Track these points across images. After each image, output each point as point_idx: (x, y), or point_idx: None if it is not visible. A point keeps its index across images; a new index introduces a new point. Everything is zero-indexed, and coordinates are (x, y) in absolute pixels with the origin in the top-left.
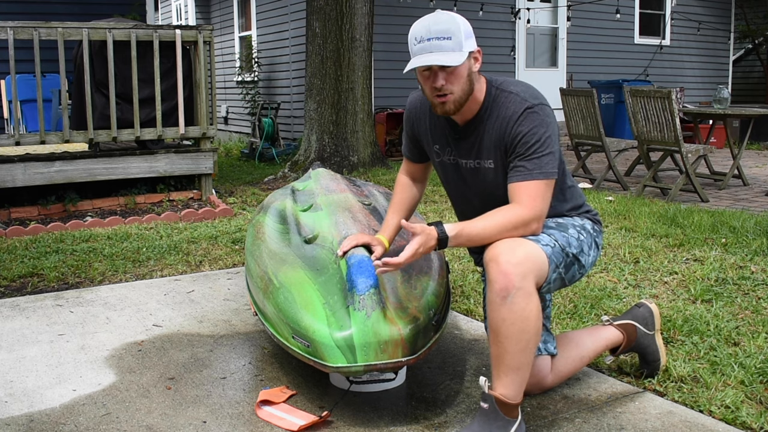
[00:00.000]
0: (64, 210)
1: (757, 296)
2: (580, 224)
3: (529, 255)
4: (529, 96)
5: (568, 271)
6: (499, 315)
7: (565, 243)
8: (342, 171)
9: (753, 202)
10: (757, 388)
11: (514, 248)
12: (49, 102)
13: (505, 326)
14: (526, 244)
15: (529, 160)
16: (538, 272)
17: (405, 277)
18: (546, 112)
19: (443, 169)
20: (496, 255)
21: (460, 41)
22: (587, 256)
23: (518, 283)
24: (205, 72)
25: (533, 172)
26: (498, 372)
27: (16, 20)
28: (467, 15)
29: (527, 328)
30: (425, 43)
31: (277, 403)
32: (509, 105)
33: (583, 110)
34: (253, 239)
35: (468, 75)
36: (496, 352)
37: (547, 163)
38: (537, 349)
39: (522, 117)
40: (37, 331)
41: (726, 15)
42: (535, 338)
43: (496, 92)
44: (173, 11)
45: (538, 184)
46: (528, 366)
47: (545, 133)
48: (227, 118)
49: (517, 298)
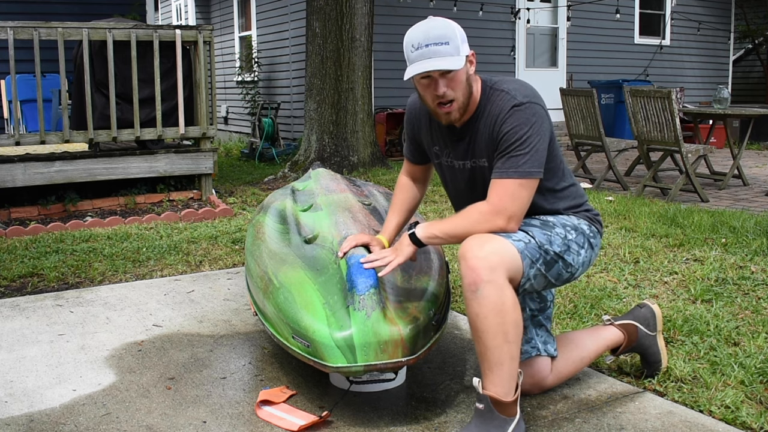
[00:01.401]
0: (64, 210)
1: (757, 296)
2: (572, 224)
3: (497, 249)
4: (519, 94)
5: (550, 269)
6: (472, 310)
7: (545, 240)
8: (342, 171)
9: (753, 202)
10: (757, 388)
11: (482, 244)
12: (49, 102)
13: (479, 321)
14: (494, 240)
15: (506, 159)
16: (508, 266)
17: (405, 277)
18: (533, 110)
19: (443, 171)
20: (464, 251)
21: (458, 45)
22: (575, 255)
23: (486, 277)
24: (205, 72)
25: (508, 170)
26: (484, 370)
27: (16, 20)
28: (467, 15)
29: (504, 321)
30: (423, 49)
31: (277, 403)
32: (499, 103)
33: (583, 110)
34: (253, 239)
35: (466, 79)
36: (479, 350)
37: (525, 162)
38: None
39: (507, 114)
40: (37, 331)
41: (726, 15)
42: (514, 330)
43: (490, 91)
44: (173, 11)
45: (510, 182)
46: (512, 360)
47: (527, 133)
48: (227, 118)
49: (485, 291)
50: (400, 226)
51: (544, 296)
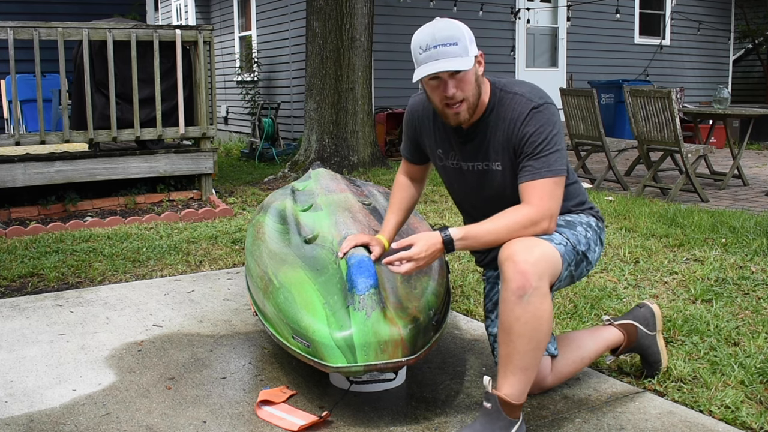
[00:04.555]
0: (64, 210)
1: (757, 296)
2: (586, 221)
3: (545, 254)
4: (534, 96)
5: (578, 268)
6: (513, 314)
7: (576, 241)
8: (342, 171)
9: (753, 202)
10: (757, 388)
11: (531, 247)
12: (49, 102)
13: (519, 325)
14: (541, 244)
15: (536, 159)
16: (552, 271)
17: (405, 277)
18: (551, 110)
19: (447, 173)
20: (512, 254)
21: (466, 46)
22: (594, 252)
23: (535, 283)
24: (205, 72)
25: (542, 170)
26: (505, 371)
27: (16, 20)
28: (467, 15)
29: (540, 328)
30: (432, 50)
31: (277, 403)
32: (515, 106)
33: (583, 110)
34: (253, 239)
35: (475, 80)
36: (506, 351)
37: (556, 161)
38: None
39: (528, 117)
40: (37, 331)
41: (726, 15)
42: (546, 339)
43: (501, 94)
44: (173, 11)
45: (547, 182)
46: (535, 368)
47: (552, 132)
48: (227, 118)
49: (533, 298)
50: (399, 225)
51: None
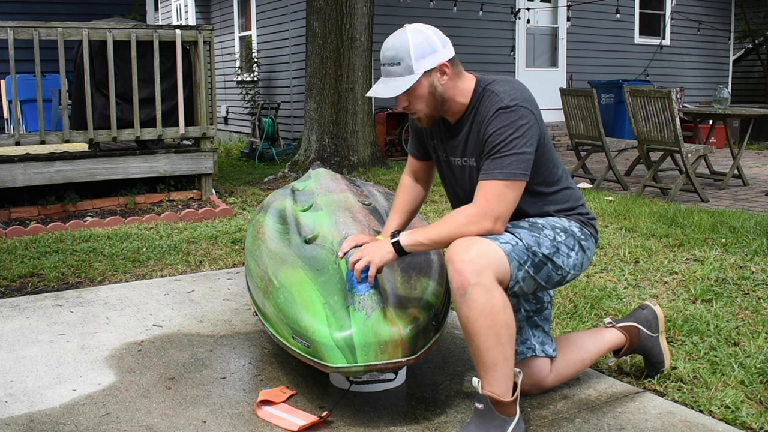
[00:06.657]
0: (64, 210)
1: (757, 296)
2: (562, 226)
3: (484, 252)
4: (508, 96)
5: (539, 271)
6: (462, 314)
7: (533, 242)
8: (342, 171)
9: (753, 202)
10: (757, 388)
11: (468, 246)
12: (49, 102)
13: (470, 324)
14: (480, 242)
15: (492, 160)
16: (495, 268)
17: (405, 278)
18: (520, 113)
19: (441, 166)
20: (450, 254)
21: (410, 65)
22: (565, 257)
23: (473, 279)
24: (205, 72)
25: (493, 171)
26: (480, 371)
27: (16, 20)
28: (467, 15)
29: (495, 323)
30: (382, 68)
31: (277, 403)
32: (488, 105)
33: (583, 110)
34: (253, 239)
35: (431, 92)
36: (473, 352)
37: (510, 164)
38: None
39: (493, 116)
40: (37, 331)
41: (726, 15)
42: (506, 331)
43: (483, 91)
44: (173, 11)
45: (496, 183)
46: (506, 361)
47: (513, 134)
48: (227, 118)
49: (475, 294)
50: (402, 227)
51: (540, 297)
